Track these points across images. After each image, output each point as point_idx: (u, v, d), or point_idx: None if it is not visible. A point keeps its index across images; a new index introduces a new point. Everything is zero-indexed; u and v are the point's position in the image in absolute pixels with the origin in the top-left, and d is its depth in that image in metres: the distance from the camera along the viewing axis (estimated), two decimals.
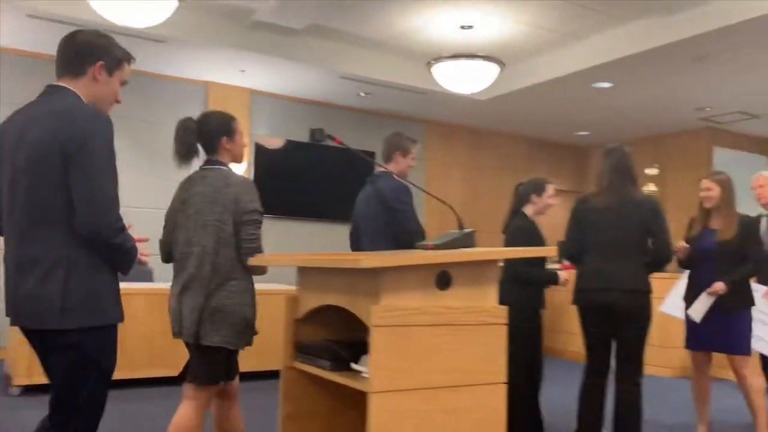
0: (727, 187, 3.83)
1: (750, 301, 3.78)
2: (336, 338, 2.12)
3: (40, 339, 1.96)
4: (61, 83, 2.06)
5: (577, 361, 4.34)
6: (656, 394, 5.52)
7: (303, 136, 8.10)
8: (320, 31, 6.49)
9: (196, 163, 2.77)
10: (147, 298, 5.02)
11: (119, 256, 1.96)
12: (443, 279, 1.85)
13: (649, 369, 6.29)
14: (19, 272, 1.93)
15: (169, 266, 2.72)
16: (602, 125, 9.06)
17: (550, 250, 2.14)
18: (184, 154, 2.67)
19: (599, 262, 3.21)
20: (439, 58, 6.07)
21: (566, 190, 10.37)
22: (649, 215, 3.24)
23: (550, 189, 3.78)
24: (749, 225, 3.82)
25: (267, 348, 5.34)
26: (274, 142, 7.93)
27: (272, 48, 6.48)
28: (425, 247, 2.16)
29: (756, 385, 3.75)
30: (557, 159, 10.29)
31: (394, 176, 3.63)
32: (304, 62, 6.73)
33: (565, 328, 6.97)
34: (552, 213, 4.11)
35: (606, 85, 7.12)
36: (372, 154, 8.51)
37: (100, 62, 2.08)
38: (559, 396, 4.68)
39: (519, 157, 9.86)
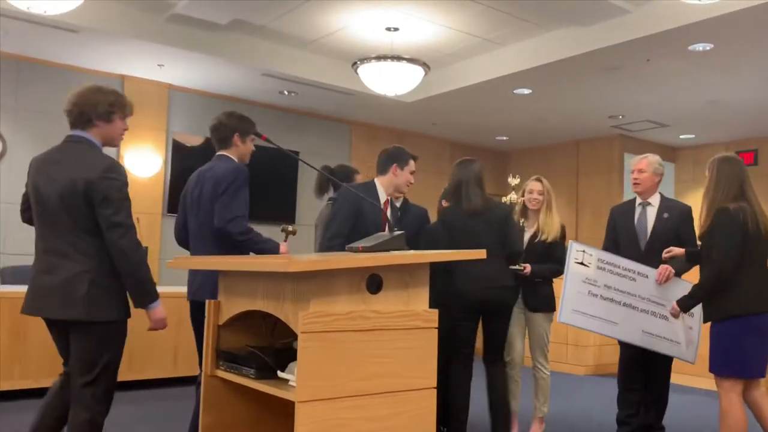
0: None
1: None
2: (261, 344, 2.04)
3: None
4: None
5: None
6: (568, 390, 5.69)
7: None
8: (243, 27, 6.34)
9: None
10: None
11: None
12: (374, 282, 1.81)
13: (562, 367, 6.56)
14: None
15: None
16: (521, 130, 9.31)
17: (478, 253, 2.13)
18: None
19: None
20: (364, 59, 6.04)
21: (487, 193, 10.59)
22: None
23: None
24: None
25: (182, 354, 5.20)
26: (193, 140, 7.68)
27: (192, 43, 6.27)
28: (356, 250, 2.12)
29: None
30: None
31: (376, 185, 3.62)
32: (226, 58, 6.55)
33: None
34: None
35: (526, 91, 7.31)
36: (297, 154, 8.39)
37: None
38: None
39: (442, 159, 9.98)
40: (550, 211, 4.16)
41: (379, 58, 5.98)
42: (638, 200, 3.99)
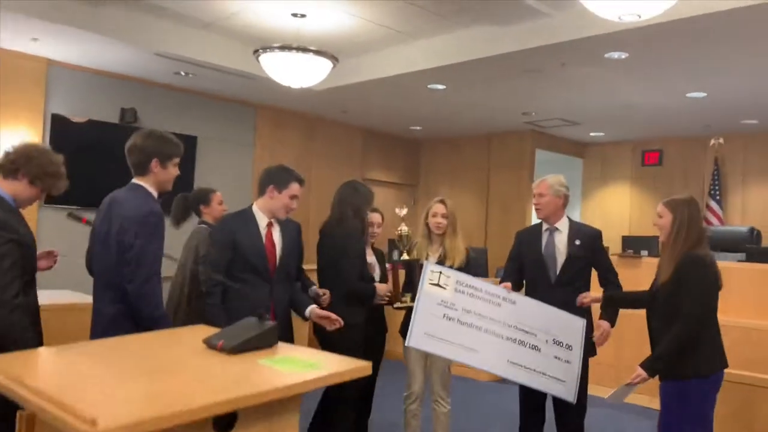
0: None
1: None
2: None
3: None
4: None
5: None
6: (468, 399, 5.55)
7: (112, 116, 7.15)
8: (130, 3, 5.65)
9: None
10: None
11: None
12: (224, 422, 1.42)
13: (464, 371, 6.41)
14: None
15: None
16: (434, 122, 9.04)
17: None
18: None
19: None
20: (267, 48, 5.51)
21: (397, 182, 10.33)
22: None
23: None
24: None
25: None
26: (76, 121, 6.90)
27: (69, 17, 5.51)
28: (213, 347, 1.72)
29: None
30: (390, 151, 10.18)
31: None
32: (110, 36, 5.83)
33: None
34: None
35: (439, 86, 7.00)
36: (194, 139, 7.77)
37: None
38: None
39: (353, 147, 9.60)
40: (455, 234, 3.86)
41: (283, 48, 5.46)
42: (545, 225, 3.71)
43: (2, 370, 1.46)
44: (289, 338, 3.37)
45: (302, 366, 1.56)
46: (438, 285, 3.38)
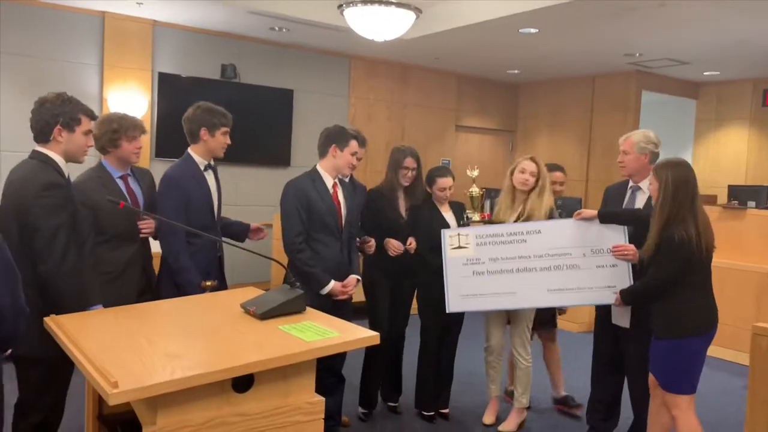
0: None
1: None
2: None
3: None
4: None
5: None
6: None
7: (213, 72, 7.52)
8: None
9: None
10: None
11: None
12: (242, 382, 1.60)
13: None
14: None
15: None
16: (532, 65, 8.75)
17: None
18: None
19: None
20: (350, 2, 5.57)
21: (494, 128, 10.16)
22: None
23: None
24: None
25: None
26: (181, 78, 7.33)
27: None
28: (248, 311, 1.91)
29: None
30: (486, 96, 9.98)
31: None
32: None
33: None
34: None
35: (532, 30, 6.76)
36: (290, 93, 8.03)
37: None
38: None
39: (448, 93, 9.51)
40: (540, 195, 3.78)
41: (365, 1, 5.51)
42: (630, 182, 3.62)
43: (66, 331, 1.71)
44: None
45: (318, 333, 1.70)
46: (459, 247, 3.52)
